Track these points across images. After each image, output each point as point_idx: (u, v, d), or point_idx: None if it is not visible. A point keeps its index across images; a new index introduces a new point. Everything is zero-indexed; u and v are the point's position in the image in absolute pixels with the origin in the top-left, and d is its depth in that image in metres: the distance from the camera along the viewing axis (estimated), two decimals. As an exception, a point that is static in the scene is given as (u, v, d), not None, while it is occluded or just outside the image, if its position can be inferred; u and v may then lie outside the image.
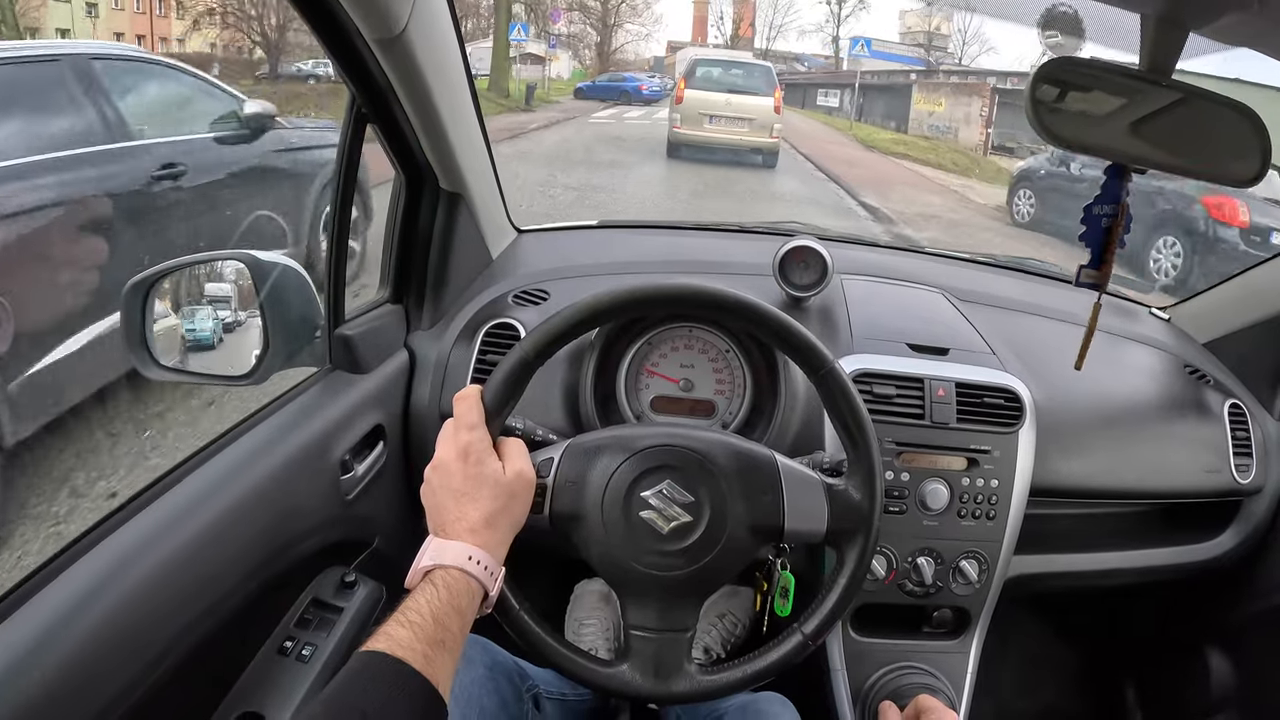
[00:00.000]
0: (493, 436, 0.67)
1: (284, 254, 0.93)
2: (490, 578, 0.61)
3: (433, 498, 0.65)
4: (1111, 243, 0.80)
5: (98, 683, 0.58)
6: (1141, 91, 0.70)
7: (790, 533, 0.71)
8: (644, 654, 0.71)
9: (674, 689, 0.71)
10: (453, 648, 0.55)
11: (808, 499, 0.72)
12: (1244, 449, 1.09)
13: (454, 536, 0.61)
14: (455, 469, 0.64)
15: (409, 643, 0.52)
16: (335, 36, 0.78)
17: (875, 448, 0.72)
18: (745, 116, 9.46)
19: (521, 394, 0.70)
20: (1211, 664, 1.19)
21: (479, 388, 0.69)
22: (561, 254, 1.24)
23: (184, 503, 0.70)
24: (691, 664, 0.72)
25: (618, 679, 0.71)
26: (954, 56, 23.95)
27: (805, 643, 0.72)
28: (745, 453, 0.72)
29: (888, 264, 1.29)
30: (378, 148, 0.97)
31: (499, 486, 0.64)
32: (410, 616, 0.54)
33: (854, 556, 0.72)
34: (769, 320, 0.72)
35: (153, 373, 0.88)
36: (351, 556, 0.92)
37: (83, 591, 0.59)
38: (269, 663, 0.79)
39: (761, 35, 30.85)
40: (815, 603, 0.73)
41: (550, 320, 0.70)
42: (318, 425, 0.86)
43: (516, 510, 0.66)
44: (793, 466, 0.73)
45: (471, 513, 0.62)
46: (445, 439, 0.67)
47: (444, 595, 0.57)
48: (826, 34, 28.31)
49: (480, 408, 0.67)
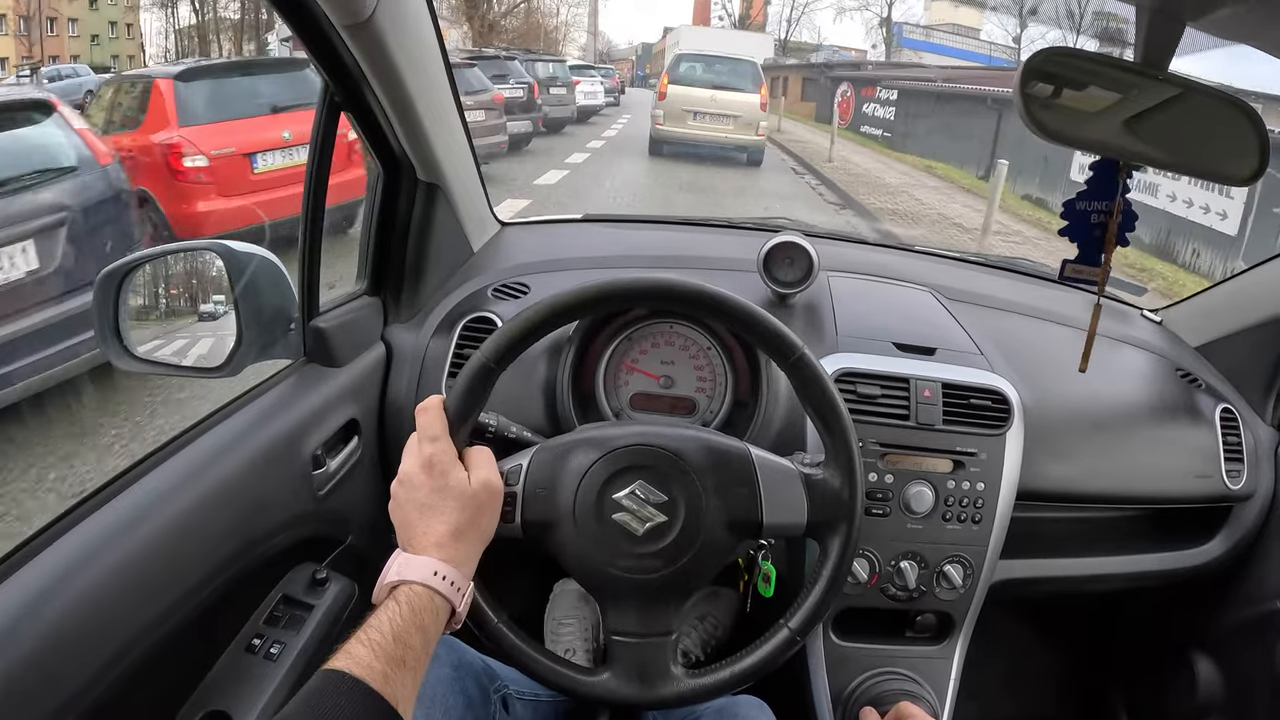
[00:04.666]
0: (458, 447, 0.66)
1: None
2: (457, 593, 0.60)
3: (399, 512, 0.65)
4: (1109, 241, 0.78)
5: (57, 680, 0.56)
6: (1137, 86, 0.68)
7: (769, 527, 0.70)
8: (626, 660, 0.70)
9: (660, 693, 0.69)
10: (414, 666, 0.55)
11: (785, 491, 0.70)
12: (1235, 454, 1.07)
13: (420, 551, 0.61)
14: (420, 482, 0.63)
15: (368, 661, 0.52)
16: (303, 22, 0.77)
17: (852, 434, 0.71)
18: (730, 113, 9.34)
19: (485, 401, 0.69)
20: (1199, 670, 1.18)
21: (441, 398, 0.68)
22: (544, 248, 1.22)
23: (150, 496, 0.69)
24: (677, 667, 0.70)
25: (601, 687, 0.70)
26: (1015, 53, 18.40)
27: (792, 639, 0.71)
28: (718, 447, 0.71)
29: (875, 261, 1.27)
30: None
31: (465, 498, 0.63)
32: (371, 634, 0.54)
33: (837, 547, 0.71)
34: (734, 309, 0.71)
35: (124, 363, 0.87)
36: (324, 553, 0.91)
37: (43, 586, 0.58)
38: (237, 661, 0.78)
39: (779, 17, 26.58)
40: (800, 597, 0.72)
41: (508, 325, 0.68)
42: (290, 419, 0.84)
43: (484, 522, 0.65)
44: (768, 458, 0.71)
45: (438, 526, 0.62)
46: (410, 452, 0.66)
47: (406, 613, 0.56)
48: (873, 12, 21.77)
49: (443, 418, 0.66)
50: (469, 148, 1.11)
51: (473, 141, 1.12)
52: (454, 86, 1.01)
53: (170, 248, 0.91)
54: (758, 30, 26.26)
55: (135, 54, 21.01)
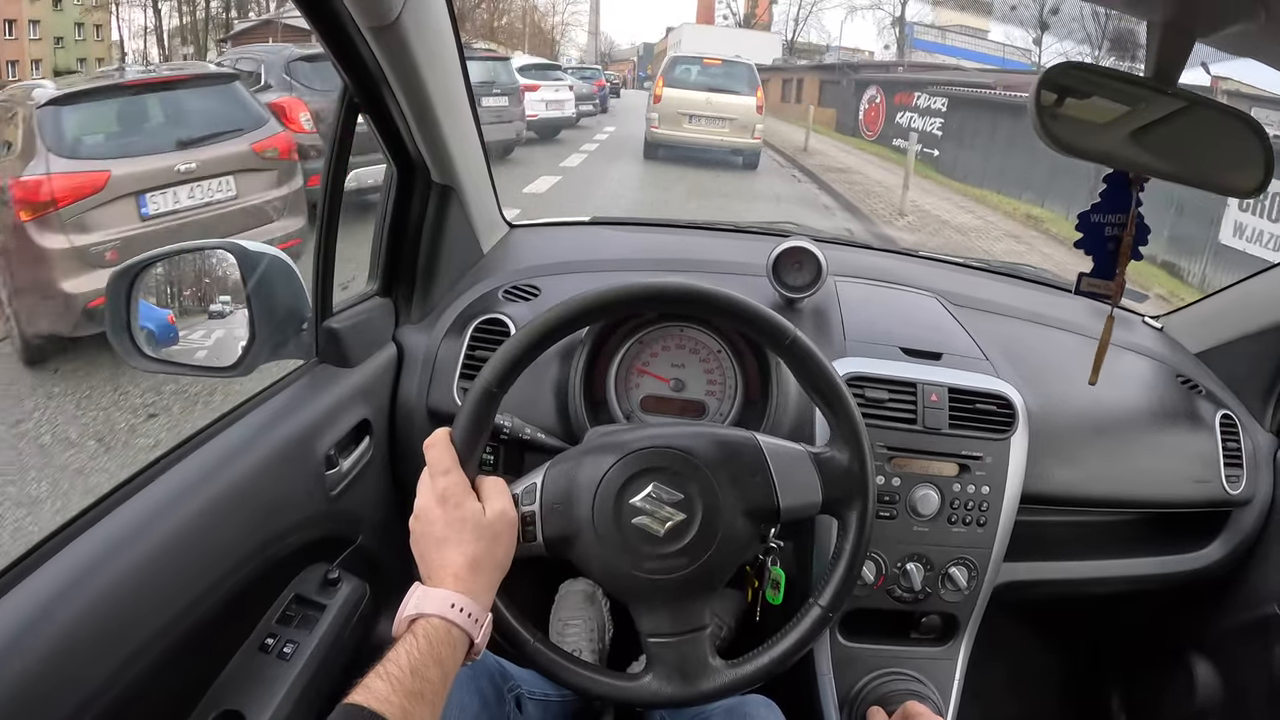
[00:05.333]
0: (470, 477, 0.67)
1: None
2: (475, 625, 0.61)
3: (416, 547, 0.65)
4: (1124, 255, 0.79)
5: (75, 679, 0.57)
6: (1145, 99, 0.69)
7: (787, 510, 0.71)
8: (666, 660, 0.70)
9: (703, 688, 0.70)
10: (432, 698, 0.55)
11: (797, 473, 0.71)
12: (1235, 460, 1.09)
13: (438, 584, 0.61)
14: (435, 516, 0.64)
15: (386, 695, 0.52)
16: (328, 22, 0.77)
17: (856, 411, 0.72)
18: (726, 116, 9.17)
19: (491, 425, 0.70)
20: (1197, 673, 1.19)
21: (447, 430, 0.68)
22: (553, 250, 1.23)
23: (166, 497, 0.69)
24: (716, 659, 0.71)
25: (646, 690, 0.70)
26: (1029, 55, 16.09)
27: (825, 615, 0.72)
28: (727, 440, 0.72)
29: (882, 267, 1.28)
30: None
31: (481, 528, 0.64)
32: (389, 668, 0.54)
33: (855, 520, 0.72)
34: (722, 302, 0.71)
35: (136, 362, 0.87)
36: (335, 553, 0.91)
37: (61, 585, 0.58)
38: (250, 660, 0.78)
39: (786, 16, 25.57)
40: (826, 574, 0.73)
41: (505, 347, 0.69)
42: (303, 419, 0.85)
43: (501, 551, 0.65)
44: (776, 444, 0.72)
45: (454, 558, 0.62)
46: (423, 487, 0.66)
47: (424, 646, 0.57)
48: (886, 11, 20.20)
49: (451, 451, 0.67)
50: (481, 149, 1.11)
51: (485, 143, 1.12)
52: (470, 88, 1.02)
53: (183, 246, 0.91)
54: (763, 30, 25.42)
55: (105, 56, 20.08)
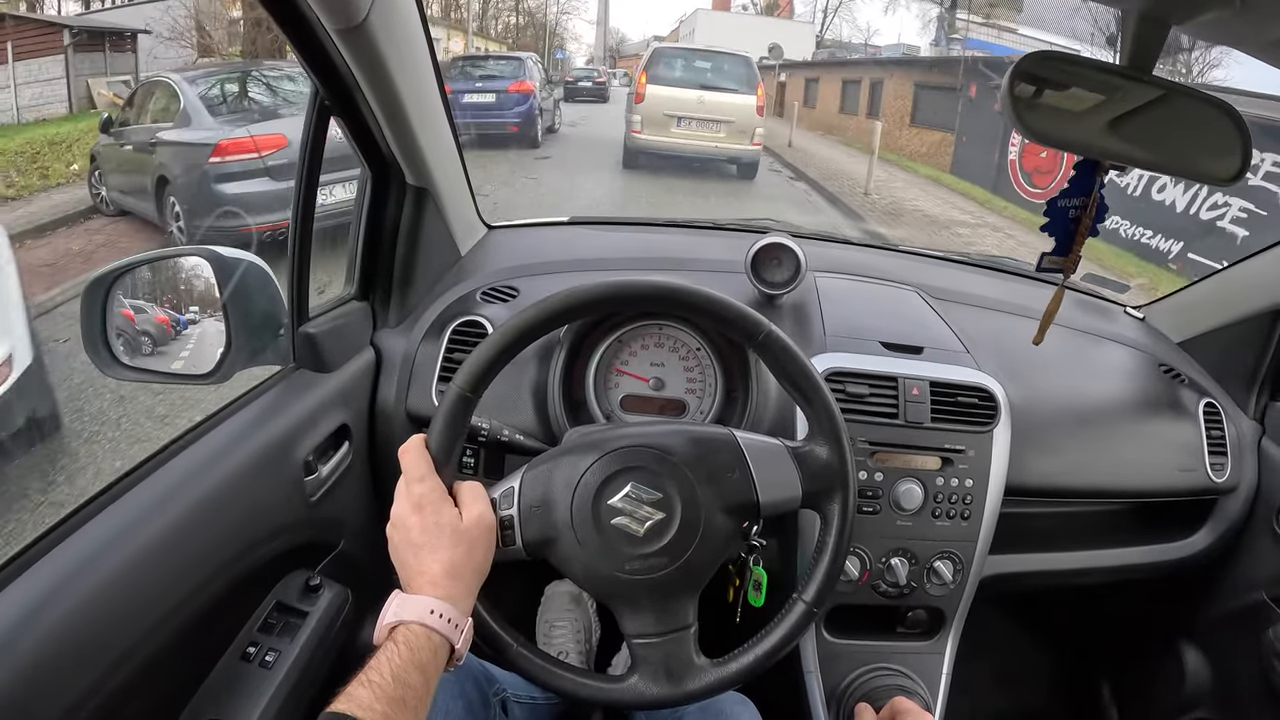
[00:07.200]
0: (446, 482, 0.66)
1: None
2: (455, 630, 0.60)
3: (395, 554, 0.65)
4: (1080, 233, 0.80)
5: (55, 690, 0.56)
6: (1121, 88, 0.69)
7: (766, 505, 0.70)
8: (651, 660, 0.70)
9: (689, 687, 0.70)
10: (415, 704, 0.55)
11: (776, 468, 0.71)
12: (1219, 448, 1.09)
13: (417, 591, 0.61)
14: (412, 523, 0.64)
15: (369, 703, 0.53)
16: (295, 24, 0.76)
17: (833, 403, 0.72)
18: (722, 118, 7.77)
19: (466, 430, 0.69)
20: (1186, 661, 1.20)
21: (422, 437, 0.68)
22: (532, 251, 1.22)
23: (142, 505, 0.68)
24: (701, 657, 0.70)
25: (631, 692, 0.70)
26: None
27: (810, 610, 0.72)
28: (703, 436, 0.71)
29: (862, 262, 1.28)
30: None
31: (458, 534, 0.63)
32: (371, 676, 0.55)
33: (837, 514, 0.72)
34: (694, 300, 0.71)
35: (113, 372, 0.86)
36: (316, 559, 0.91)
37: (39, 598, 0.58)
38: (232, 669, 0.78)
39: (814, 8, 22.02)
40: (810, 569, 0.73)
41: (477, 351, 0.69)
42: (281, 425, 0.84)
43: (479, 556, 0.65)
44: (754, 439, 0.72)
45: (432, 565, 0.62)
46: (399, 495, 0.66)
47: (405, 653, 0.57)
48: (933, 1, 16.32)
49: (426, 457, 0.66)
50: (457, 150, 1.10)
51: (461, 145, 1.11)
52: (443, 89, 1.01)
53: (157, 254, 0.90)
54: (786, 19, 22.15)
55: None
